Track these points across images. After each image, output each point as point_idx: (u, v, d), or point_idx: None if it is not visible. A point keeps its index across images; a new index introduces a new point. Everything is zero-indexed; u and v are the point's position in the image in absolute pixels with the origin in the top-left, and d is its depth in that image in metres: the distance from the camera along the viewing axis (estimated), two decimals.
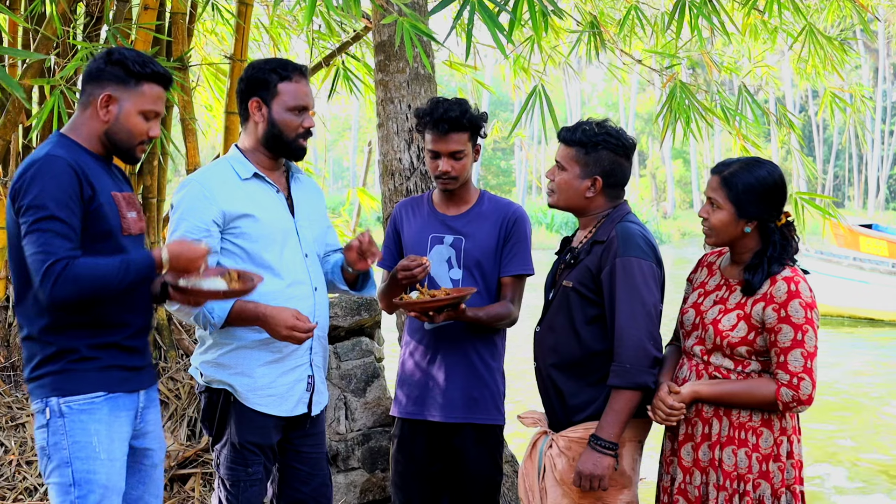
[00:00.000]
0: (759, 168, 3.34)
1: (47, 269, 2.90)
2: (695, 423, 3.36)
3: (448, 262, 3.97)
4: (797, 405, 3.21)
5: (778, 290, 3.23)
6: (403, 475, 4.04)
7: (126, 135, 3.18)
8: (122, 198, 3.21)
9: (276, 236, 3.59)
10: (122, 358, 3.18)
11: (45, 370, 3.11)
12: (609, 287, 3.42)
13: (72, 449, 3.08)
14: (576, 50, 6.79)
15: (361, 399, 5.14)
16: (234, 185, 3.59)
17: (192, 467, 5.12)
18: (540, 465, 3.60)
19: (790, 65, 9.16)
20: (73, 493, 3.08)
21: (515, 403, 8.29)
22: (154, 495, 3.39)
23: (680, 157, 54.66)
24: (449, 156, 3.89)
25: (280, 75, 3.58)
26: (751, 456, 3.27)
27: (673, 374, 3.47)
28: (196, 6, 6.40)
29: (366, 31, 6.52)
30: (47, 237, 2.93)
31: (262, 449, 3.61)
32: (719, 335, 3.30)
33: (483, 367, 3.97)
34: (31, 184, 2.99)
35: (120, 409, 3.17)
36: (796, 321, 3.20)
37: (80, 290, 2.92)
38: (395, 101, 5.02)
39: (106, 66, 3.16)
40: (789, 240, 3.35)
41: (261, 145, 3.64)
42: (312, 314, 3.63)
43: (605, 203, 3.58)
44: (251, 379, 3.57)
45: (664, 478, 3.49)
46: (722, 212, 3.34)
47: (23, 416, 5.24)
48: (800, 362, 3.19)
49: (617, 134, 3.55)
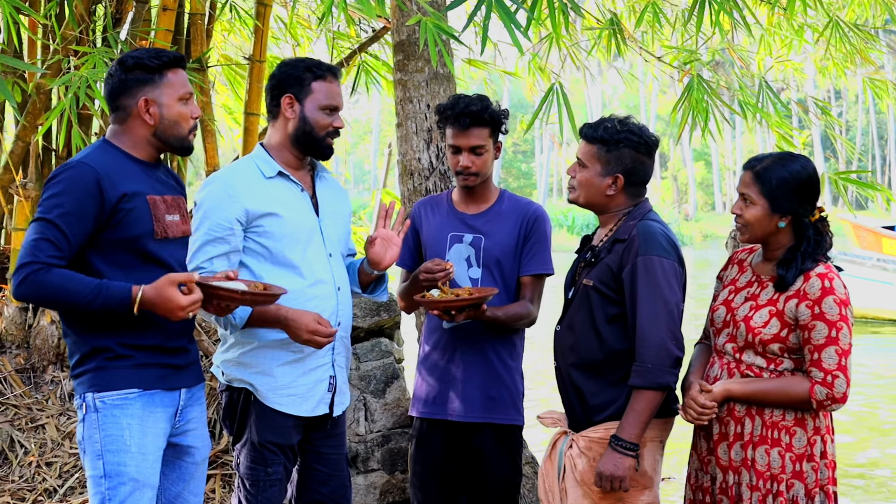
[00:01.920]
0: (792, 162, 3.31)
1: (21, 267, 2.99)
2: (727, 422, 3.32)
3: (467, 260, 3.95)
4: (831, 403, 3.17)
5: (811, 287, 3.19)
6: (422, 475, 4.02)
7: (176, 127, 3.24)
8: (160, 201, 3.23)
9: (299, 235, 3.58)
10: (160, 357, 3.21)
11: (83, 367, 3.16)
12: (630, 286, 3.38)
13: (104, 442, 3.12)
14: (595, 53, 6.75)
15: (381, 400, 5.12)
16: (258, 183, 3.58)
17: (212, 468, 5.11)
18: (560, 465, 3.56)
19: (812, 64, 9.08)
20: (104, 484, 3.12)
21: (538, 403, 8.24)
22: (193, 493, 3.40)
23: (701, 158, 54.50)
24: (470, 150, 3.87)
25: (314, 74, 3.60)
26: (784, 456, 3.23)
27: (704, 373, 3.43)
28: (215, 7, 6.40)
29: (384, 31, 6.51)
30: (38, 238, 3.02)
31: (281, 449, 3.59)
32: (751, 332, 3.27)
33: (501, 367, 3.94)
34: (53, 186, 3.08)
35: (155, 406, 3.19)
36: (830, 318, 3.16)
37: (41, 296, 3.04)
38: (414, 101, 5.00)
39: (126, 75, 3.20)
40: (823, 235, 3.31)
41: (289, 143, 3.63)
42: (335, 314, 3.62)
43: (627, 201, 3.54)
44: (272, 378, 3.56)
45: (701, 476, 3.45)
46: (756, 207, 3.30)
47: (42, 418, 5.25)
48: (834, 360, 3.15)
49: (639, 131, 3.50)
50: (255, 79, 6.12)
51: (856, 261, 17.15)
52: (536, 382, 9.45)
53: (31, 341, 5.53)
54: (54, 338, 5.47)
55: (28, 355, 5.52)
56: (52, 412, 5.29)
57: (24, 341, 5.57)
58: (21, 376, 5.45)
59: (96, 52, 4.94)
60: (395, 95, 5.14)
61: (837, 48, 6.69)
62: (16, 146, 5.69)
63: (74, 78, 4.66)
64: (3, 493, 4.87)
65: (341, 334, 3.68)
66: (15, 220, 5.64)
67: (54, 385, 5.45)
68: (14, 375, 5.41)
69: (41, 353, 5.48)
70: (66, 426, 5.23)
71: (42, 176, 5.65)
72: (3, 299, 5.65)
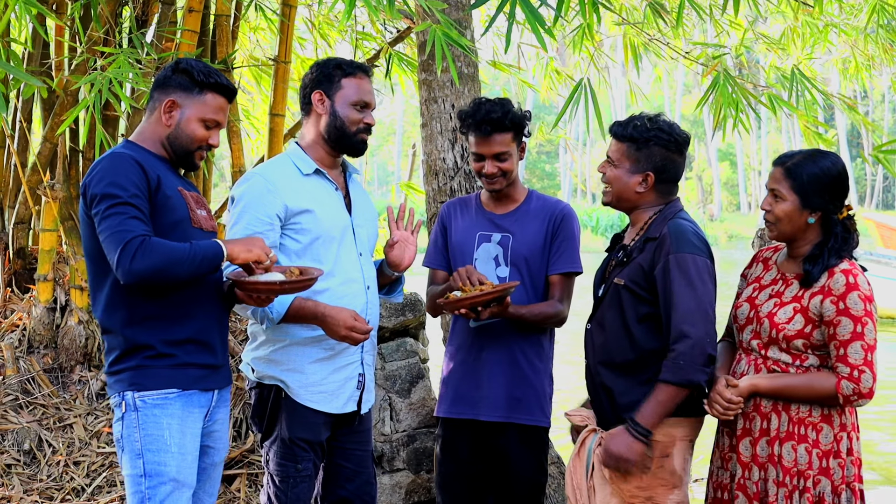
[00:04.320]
0: (823, 158, 3.30)
1: (126, 245, 2.97)
2: (753, 417, 3.30)
3: (495, 259, 3.94)
4: (858, 398, 3.16)
5: (836, 283, 3.18)
6: (447, 475, 4.01)
7: (185, 140, 3.28)
8: (190, 195, 3.30)
9: (333, 233, 3.61)
10: (198, 355, 3.23)
11: (122, 366, 3.18)
12: (663, 284, 3.36)
13: (144, 441, 3.15)
14: (619, 53, 6.71)
15: (406, 400, 5.12)
16: (296, 180, 3.61)
17: (238, 468, 5.12)
18: (588, 463, 3.55)
19: (834, 66, 9.00)
20: (144, 483, 3.15)
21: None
22: (209, 493, 3.43)
23: (727, 158, 54.27)
24: (493, 157, 3.86)
25: (344, 71, 3.65)
26: (811, 452, 3.22)
27: (730, 369, 3.42)
28: (240, 8, 6.42)
29: (409, 32, 6.51)
30: (123, 219, 3.01)
31: (311, 445, 3.61)
32: (775, 328, 3.26)
33: (528, 367, 3.92)
34: (102, 176, 3.10)
35: (193, 406, 3.22)
36: (855, 313, 3.15)
37: (155, 264, 2.98)
38: (439, 101, 5.00)
39: (172, 74, 3.29)
40: (851, 232, 3.30)
41: (322, 139, 3.67)
42: (365, 312, 3.64)
43: (657, 199, 3.52)
44: (303, 375, 3.58)
45: (721, 474, 3.44)
46: (786, 202, 3.29)
47: (70, 417, 5.28)
48: (860, 355, 3.14)
49: (669, 129, 3.48)
50: (279, 79, 6.13)
51: (881, 260, 17.03)
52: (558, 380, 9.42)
53: (58, 341, 5.56)
54: (82, 338, 5.50)
55: (56, 355, 5.56)
56: (79, 412, 5.32)
57: (51, 341, 5.61)
58: (49, 376, 5.49)
59: (122, 53, 4.97)
60: (420, 95, 5.13)
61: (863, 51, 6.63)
62: (43, 147, 5.74)
63: (99, 77, 4.69)
64: (32, 492, 4.90)
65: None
66: (43, 220, 5.68)
67: (82, 385, 5.48)
68: (42, 375, 5.45)
69: (69, 353, 5.51)
70: (94, 425, 5.26)
71: (69, 177, 5.69)
72: (31, 300, 5.69)
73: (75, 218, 5.63)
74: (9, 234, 5.97)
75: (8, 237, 5.96)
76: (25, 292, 5.90)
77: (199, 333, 3.23)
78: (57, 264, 5.72)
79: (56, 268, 5.70)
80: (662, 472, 3.39)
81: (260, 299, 3.29)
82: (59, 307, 5.64)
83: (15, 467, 5.04)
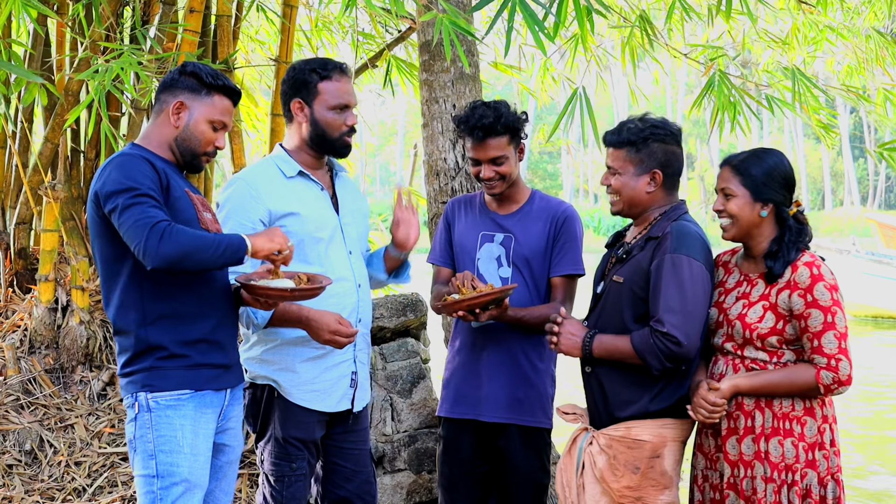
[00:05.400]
0: (768, 155, 3.39)
1: (153, 228, 2.95)
2: (737, 416, 3.32)
3: (497, 260, 3.94)
4: (838, 386, 3.20)
5: (801, 276, 3.24)
6: (450, 476, 4.02)
7: (194, 142, 3.29)
8: (196, 198, 3.31)
9: (320, 234, 3.61)
10: (211, 355, 3.24)
11: (135, 367, 3.19)
12: (655, 279, 3.36)
13: (156, 442, 3.16)
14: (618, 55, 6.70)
15: (407, 400, 5.12)
16: (279, 183, 3.60)
17: (240, 467, 5.12)
18: (579, 460, 3.55)
19: (826, 68, 9.00)
20: (156, 484, 3.16)
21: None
22: (225, 491, 3.43)
23: None
24: (489, 162, 3.86)
25: (320, 75, 3.61)
26: (797, 445, 3.25)
27: (708, 373, 3.43)
28: (241, 8, 6.42)
29: (410, 32, 6.51)
30: (145, 208, 3.01)
31: (305, 444, 3.61)
32: (747, 328, 3.29)
33: (530, 368, 3.92)
34: (116, 173, 3.10)
35: (206, 407, 3.23)
36: (824, 304, 3.20)
37: (183, 247, 2.96)
38: (440, 101, 5.00)
39: (180, 76, 3.30)
40: (804, 225, 3.36)
41: (306, 145, 3.67)
42: (356, 311, 3.64)
43: (665, 198, 3.52)
44: (295, 374, 3.58)
45: (711, 475, 3.44)
46: (737, 198, 3.35)
47: (71, 418, 5.28)
48: (834, 344, 3.19)
49: (662, 124, 3.51)
50: (281, 80, 6.12)
51: (883, 260, 17.01)
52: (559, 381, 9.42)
53: (59, 342, 5.56)
54: (83, 338, 5.50)
55: (57, 355, 5.56)
56: (80, 412, 5.32)
57: (53, 342, 5.60)
58: (50, 376, 5.48)
59: (126, 50, 4.98)
60: (421, 96, 5.13)
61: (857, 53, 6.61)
62: (44, 148, 5.73)
63: (104, 68, 4.69)
64: (33, 492, 4.90)
65: (362, 331, 3.71)
66: (44, 221, 5.67)
67: (83, 385, 5.48)
68: (43, 376, 5.45)
69: (70, 353, 5.51)
70: (95, 426, 5.26)
71: (71, 178, 5.69)
72: (33, 300, 5.69)
73: (76, 218, 5.63)
74: (10, 234, 5.97)
75: (9, 237, 5.96)
76: (27, 293, 5.89)
77: (211, 333, 3.23)
78: (58, 265, 5.72)
79: (57, 268, 5.70)
80: (653, 473, 3.40)
81: (268, 304, 3.31)
82: (60, 307, 5.63)
83: (16, 467, 5.04)
